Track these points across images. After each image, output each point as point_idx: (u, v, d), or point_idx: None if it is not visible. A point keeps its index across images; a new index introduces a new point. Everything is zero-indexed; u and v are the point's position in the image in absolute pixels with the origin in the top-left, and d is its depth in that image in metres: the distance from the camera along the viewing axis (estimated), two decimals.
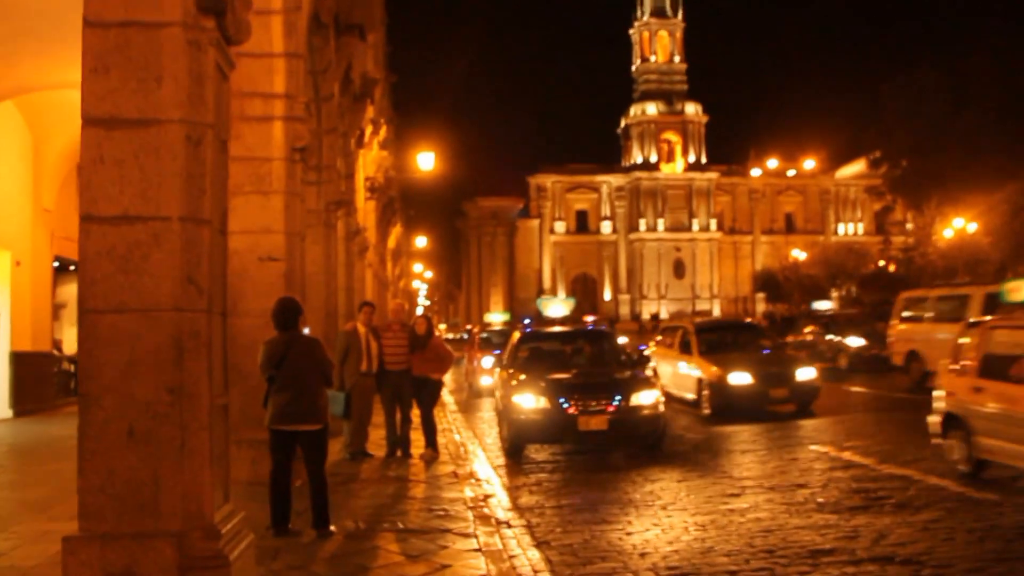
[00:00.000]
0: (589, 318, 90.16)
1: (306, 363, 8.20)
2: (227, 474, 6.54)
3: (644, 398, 13.44)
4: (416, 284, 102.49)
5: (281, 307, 8.41)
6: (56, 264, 22.44)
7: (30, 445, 15.68)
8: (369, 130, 25.55)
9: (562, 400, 13.19)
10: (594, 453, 13.98)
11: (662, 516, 9.54)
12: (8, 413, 18.87)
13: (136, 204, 5.84)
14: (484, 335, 31.87)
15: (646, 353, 22.06)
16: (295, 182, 11.24)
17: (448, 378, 27.65)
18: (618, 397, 13.25)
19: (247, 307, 10.78)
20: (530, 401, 13.33)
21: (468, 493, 10.41)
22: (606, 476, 12.31)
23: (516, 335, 17.36)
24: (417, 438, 13.44)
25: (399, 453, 13.30)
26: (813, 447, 13.94)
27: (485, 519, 9.12)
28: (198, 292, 6.07)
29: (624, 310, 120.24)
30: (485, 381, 24.33)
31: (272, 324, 8.42)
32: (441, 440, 14.16)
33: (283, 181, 10.96)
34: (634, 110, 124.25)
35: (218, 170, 6.48)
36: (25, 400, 19.55)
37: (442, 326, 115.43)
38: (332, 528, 8.38)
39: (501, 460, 13.87)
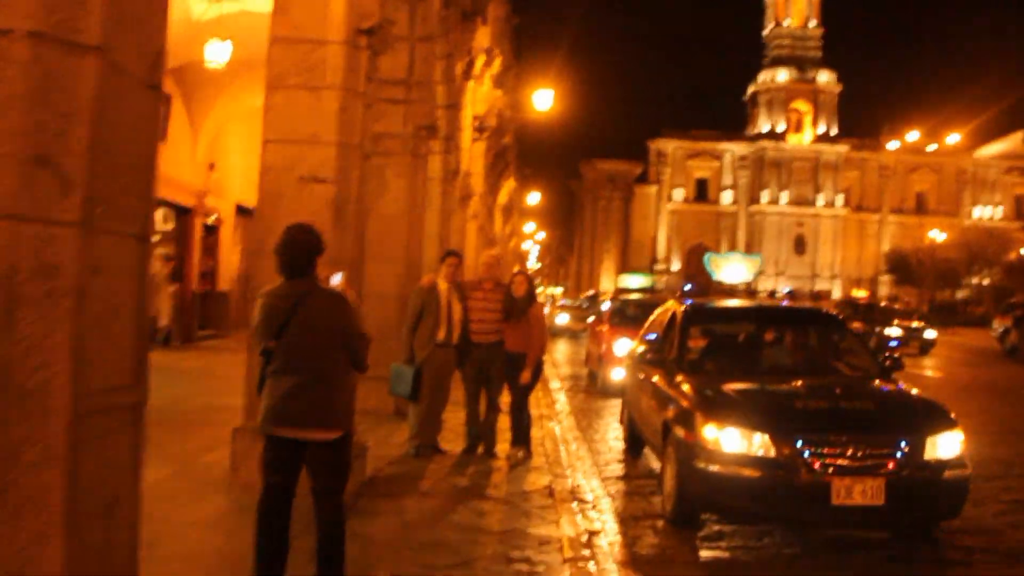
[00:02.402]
0: (783, 289, 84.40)
1: (321, 333, 5.15)
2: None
3: (945, 447, 7.52)
4: (526, 245, 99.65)
5: (289, 240, 5.31)
6: None
7: None
8: (481, 60, 22.49)
9: (801, 444, 7.21)
10: None
11: None
12: None
13: None
14: (616, 305, 22.44)
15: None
16: (357, 77, 8.16)
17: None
18: (903, 444, 7.35)
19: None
20: (736, 441, 7.31)
21: (566, 530, 7.27)
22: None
23: (673, 309, 10.55)
24: (506, 429, 10.38)
25: (480, 450, 10.27)
26: None
27: None
28: (60, 185, 3.07)
29: (740, 284, 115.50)
30: (619, 375, 15.10)
31: (282, 268, 5.36)
32: (535, 433, 11.08)
33: (340, 73, 7.89)
34: (763, 76, 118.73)
35: None
36: None
37: (556, 289, 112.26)
38: None
39: (612, 466, 10.70)
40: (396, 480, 8.76)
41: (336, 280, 5.54)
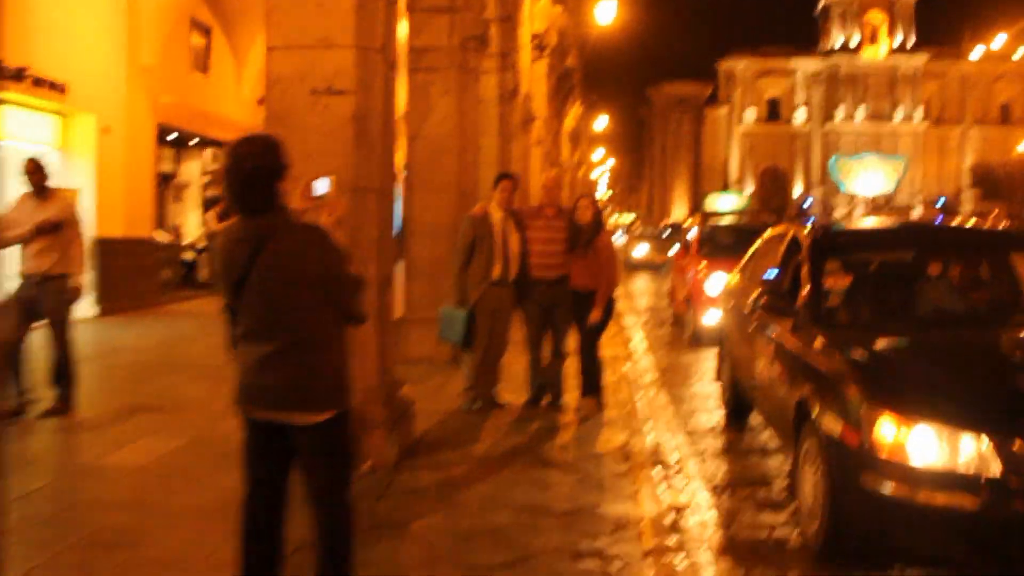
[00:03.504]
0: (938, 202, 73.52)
1: (294, 284, 3.78)
2: None
3: None
4: (595, 174, 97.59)
5: (234, 161, 3.82)
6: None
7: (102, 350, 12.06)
8: None
9: None
10: None
11: None
12: (94, 310, 15.41)
13: None
14: (706, 232, 17.59)
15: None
16: None
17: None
18: None
19: (293, 174, 6.53)
20: (934, 448, 4.56)
21: (646, 507, 5.95)
22: None
23: (793, 233, 7.62)
24: (573, 377, 9.06)
25: (545, 401, 8.98)
26: None
27: None
28: None
29: (816, 206, 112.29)
30: (713, 319, 12.62)
31: (233, 201, 3.96)
32: (608, 379, 9.76)
33: None
34: None
35: None
36: (117, 296, 16.08)
37: (627, 216, 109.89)
38: None
39: (702, 420, 9.35)
40: (445, 442, 7.51)
41: (322, 187, 4.17)
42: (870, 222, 9.72)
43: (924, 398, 4.76)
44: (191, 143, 21.82)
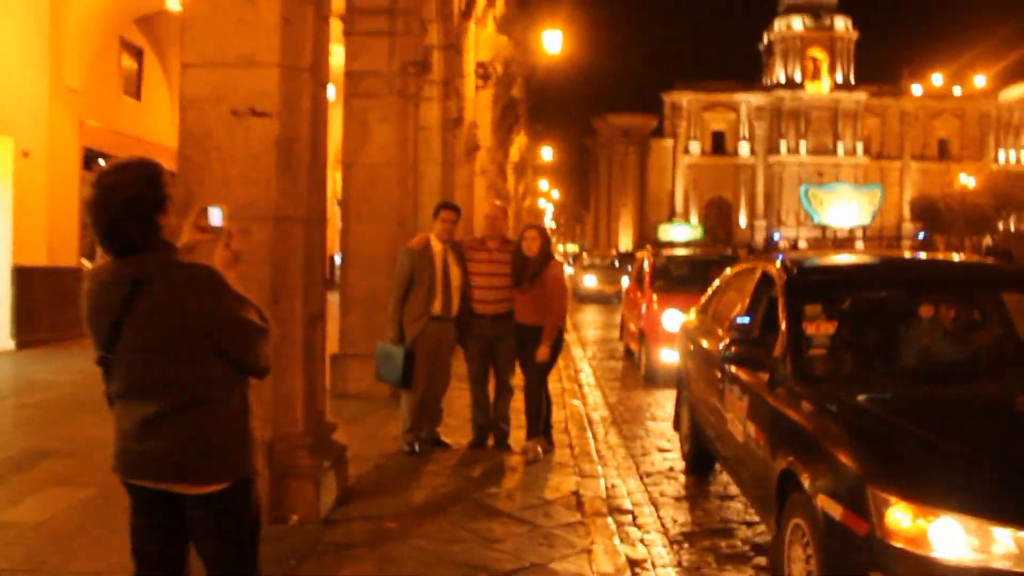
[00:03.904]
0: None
1: (177, 334, 3.20)
2: None
3: None
4: (542, 204, 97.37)
5: (100, 193, 3.18)
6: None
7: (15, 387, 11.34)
8: (483, 1, 20.50)
9: None
10: None
11: None
12: (8, 344, 14.63)
13: None
14: (660, 263, 16.40)
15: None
16: None
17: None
18: None
19: (209, 201, 5.97)
20: (961, 543, 3.75)
21: (600, 564, 5.43)
22: None
23: (763, 270, 6.68)
24: (521, 413, 8.52)
25: (490, 443, 8.45)
26: None
27: None
28: None
29: (760, 236, 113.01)
30: (668, 356, 11.92)
31: (100, 240, 3.36)
32: (557, 416, 9.26)
33: None
34: (778, 24, 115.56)
35: None
36: (36, 327, 15.28)
37: (569, 247, 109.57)
38: None
39: (657, 461, 8.88)
40: (382, 490, 6.94)
41: (216, 218, 3.59)
42: (845, 257, 8.59)
43: (945, 483, 3.90)
44: None
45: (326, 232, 6.72)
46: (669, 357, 11.68)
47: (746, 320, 6.41)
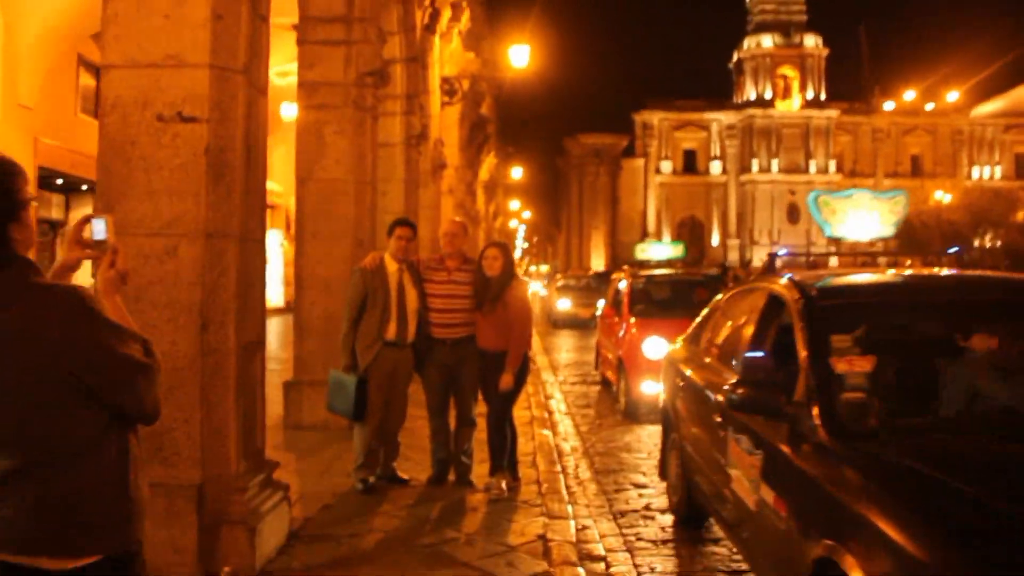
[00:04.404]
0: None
1: (30, 376, 2.50)
2: None
3: None
4: (513, 224, 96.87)
5: None
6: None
7: None
8: (447, 15, 19.95)
9: None
10: None
11: None
12: None
13: None
14: (639, 285, 14.82)
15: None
16: None
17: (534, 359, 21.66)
18: None
19: (133, 216, 5.38)
20: None
21: None
22: None
23: (771, 293, 5.63)
24: (484, 447, 7.88)
25: (451, 479, 7.83)
26: None
27: None
28: None
29: (733, 256, 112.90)
30: (650, 388, 11.22)
31: None
32: (523, 451, 8.65)
33: None
34: (748, 43, 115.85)
35: None
36: None
37: (542, 267, 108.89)
38: None
39: (632, 498, 8.28)
40: (329, 535, 6.29)
41: (99, 232, 2.96)
42: (865, 276, 6.52)
43: None
44: (83, 188, 20.35)
45: (264, 251, 6.10)
46: (652, 389, 10.90)
47: (759, 355, 5.14)
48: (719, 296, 7.55)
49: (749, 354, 5.21)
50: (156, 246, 5.33)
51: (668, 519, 7.36)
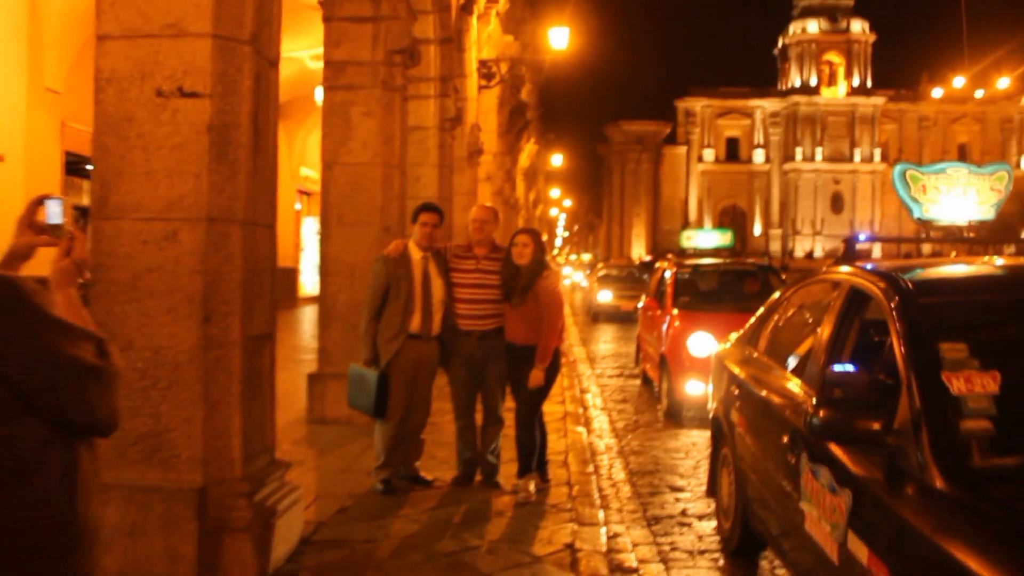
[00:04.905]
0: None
1: None
2: None
3: None
4: (554, 212, 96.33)
5: None
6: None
7: None
8: None
9: None
10: None
11: None
12: None
13: None
14: (684, 275, 13.68)
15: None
16: None
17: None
18: None
19: (130, 199, 4.99)
20: None
21: None
22: None
23: (853, 286, 4.61)
24: (510, 448, 7.42)
25: (478, 478, 7.41)
26: None
27: None
28: None
29: (775, 246, 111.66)
30: (695, 389, 10.52)
31: None
32: (555, 449, 8.21)
33: None
34: (793, 28, 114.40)
35: None
36: None
37: (581, 256, 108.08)
38: None
39: (668, 502, 7.82)
40: (343, 541, 5.87)
41: (54, 215, 2.56)
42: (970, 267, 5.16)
43: None
44: None
45: (274, 236, 5.68)
46: (697, 390, 10.26)
47: (849, 369, 4.02)
48: (775, 293, 6.70)
49: (838, 367, 4.07)
50: (154, 231, 4.94)
51: (706, 526, 6.88)
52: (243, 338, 5.13)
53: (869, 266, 4.73)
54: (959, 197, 66.20)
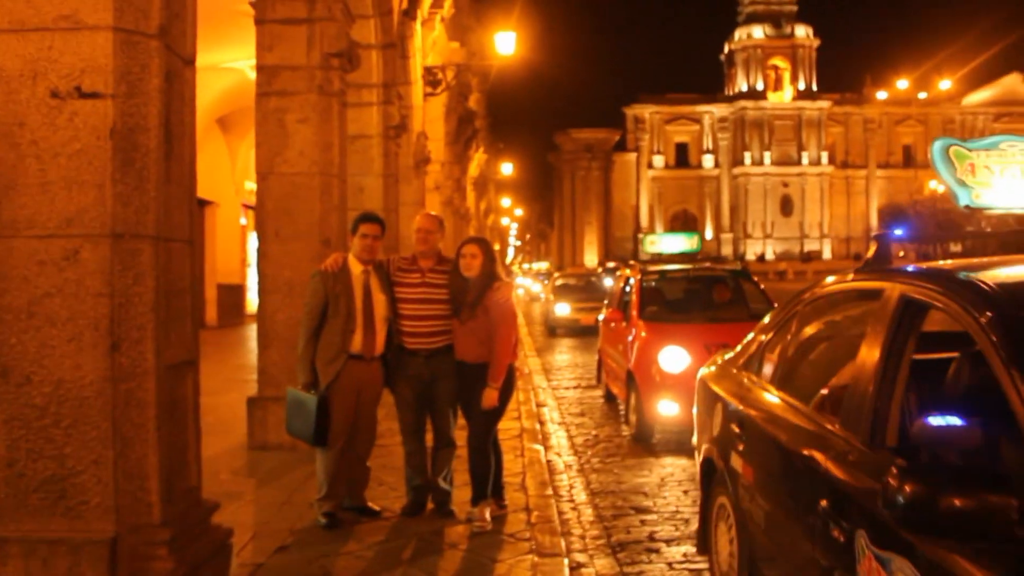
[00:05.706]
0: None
1: None
2: None
3: None
4: (505, 221, 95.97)
5: None
6: None
7: None
8: (428, 0, 18.97)
9: None
10: None
11: None
12: None
13: None
14: (650, 283, 12.36)
15: None
16: None
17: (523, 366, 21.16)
18: None
19: (23, 213, 4.43)
20: None
21: None
22: None
23: (902, 294, 3.38)
24: (465, 470, 6.91)
25: (429, 507, 6.88)
26: None
27: None
28: None
29: (727, 250, 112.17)
30: (668, 409, 9.55)
31: None
32: (511, 470, 7.71)
33: None
34: (739, 34, 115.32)
35: None
36: None
37: (537, 266, 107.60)
38: None
39: (633, 525, 7.34)
40: None
41: None
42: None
43: None
44: None
45: (192, 253, 5.12)
46: (670, 410, 9.46)
47: (953, 423, 2.66)
48: (808, 292, 4.80)
49: (934, 421, 2.69)
50: (52, 250, 4.37)
51: (675, 552, 6.41)
52: (158, 367, 4.57)
53: (922, 268, 3.66)
54: (1016, 178, 50.50)
